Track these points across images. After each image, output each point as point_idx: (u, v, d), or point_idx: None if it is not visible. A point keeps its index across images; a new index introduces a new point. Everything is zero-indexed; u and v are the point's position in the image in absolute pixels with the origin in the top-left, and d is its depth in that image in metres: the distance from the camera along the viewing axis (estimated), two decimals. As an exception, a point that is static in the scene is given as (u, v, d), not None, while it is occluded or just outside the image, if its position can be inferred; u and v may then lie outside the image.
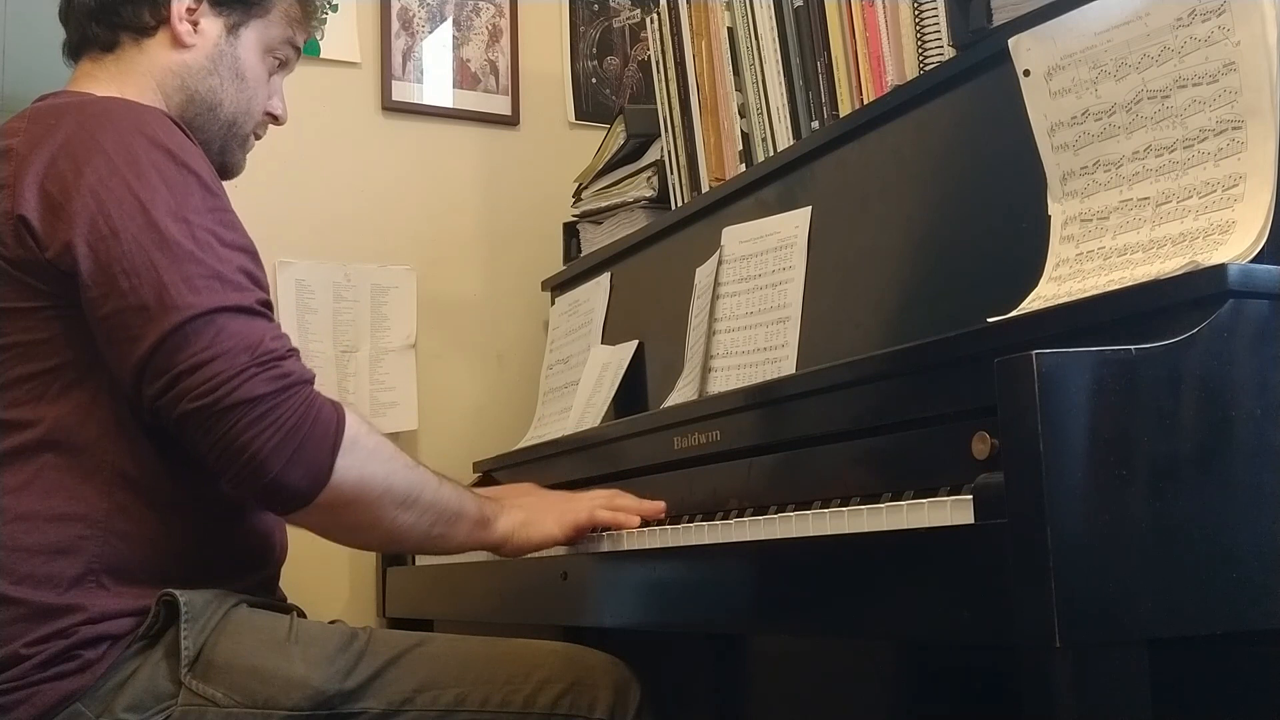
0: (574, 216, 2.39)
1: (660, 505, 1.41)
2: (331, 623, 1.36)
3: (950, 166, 1.46)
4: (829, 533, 1.07)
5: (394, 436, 2.34)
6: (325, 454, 1.17)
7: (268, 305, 1.22)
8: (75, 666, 1.16)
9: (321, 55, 2.43)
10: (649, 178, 2.16)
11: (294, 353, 1.19)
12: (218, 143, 1.43)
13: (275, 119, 1.51)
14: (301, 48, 1.52)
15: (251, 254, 1.24)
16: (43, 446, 1.21)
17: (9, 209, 1.21)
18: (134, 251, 1.17)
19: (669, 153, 2.10)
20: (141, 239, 1.17)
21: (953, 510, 0.95)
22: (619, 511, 1.39)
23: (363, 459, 1.20)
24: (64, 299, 1.21)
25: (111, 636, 1.18)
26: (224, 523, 1.30)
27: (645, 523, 1.39)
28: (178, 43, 1.39)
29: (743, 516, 1.26)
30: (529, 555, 1.54)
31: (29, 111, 1.29)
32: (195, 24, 1.39)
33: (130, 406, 1.22)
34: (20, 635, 1.16)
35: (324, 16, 2.41)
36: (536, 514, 1.39)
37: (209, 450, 1.16)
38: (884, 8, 1.61)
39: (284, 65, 1.50)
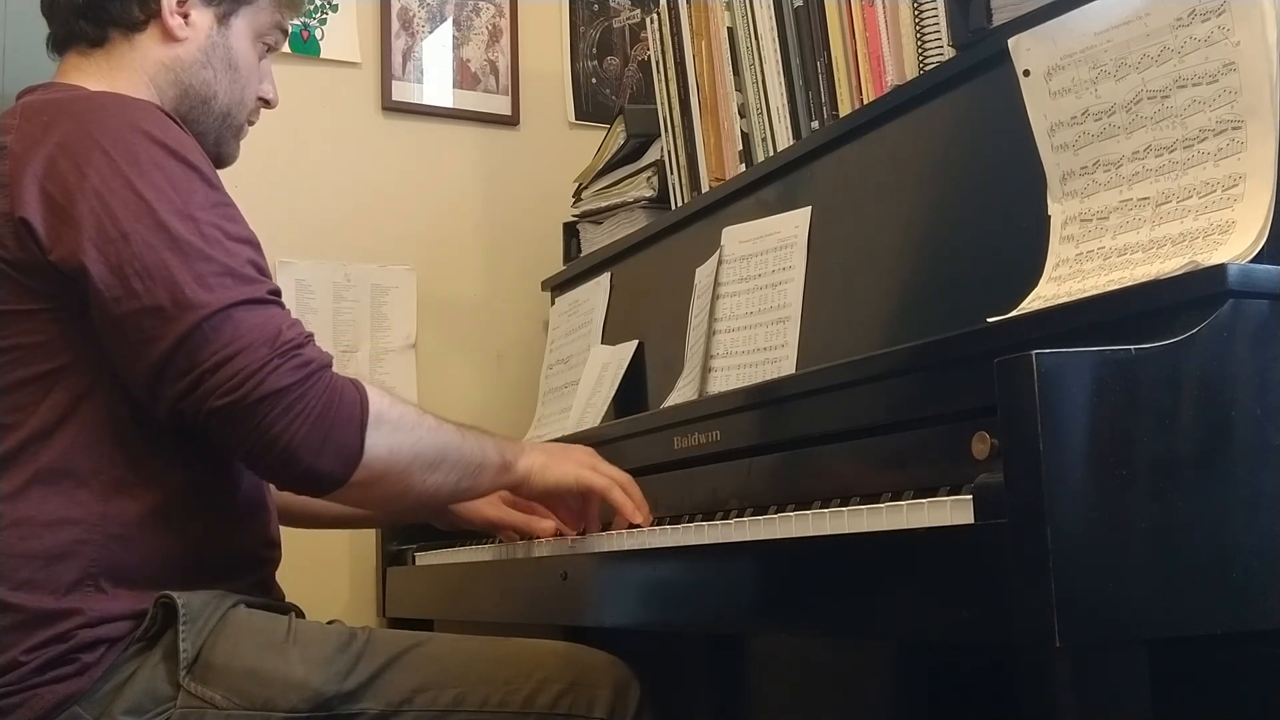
0: (574, 216, 2.39)
1: (650, 520, 1.41)
2: (330, 623, 1.35)
3: (950, 166, 1.46)
4: (829, 533, 1.07)
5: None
6: (353, 436, 1.18)
7: (277, 293, 1.23)
8: (73, 670, 1.16)
9: (321, 55, 2.43)
10: (649, 178, 2.16)
11: (310, 338, 1.20)
12: (212, 134, 1.42)
13: (267, 103, 1.50)
14: (289, 29, 1.51)
15: (255, 245, 1.24)
16: (40, 451, 1.21)
17: (8, 210, 1.20)
18: (145, 253, 1.16)
19: (669, 153, 2.10)
20: (151, 240, 1.17)
21: (953, 510, 0.95)
22: (628, 501, 1.40)
23: (388, 433, 1.21)
24: (62, 301, 1.21)
25: (109, 640, 1.18)
26: (221, 525, 1.30)
27: (632, 526, 1.40)
28: (169, 37, 1.37)
29: (743, 516, 1.25)
30: (533, 555, 1.54)
31: (19, 107, 1.28)
32: (186, 16, 1.38)
33: (137, 408, 1.22)
34: (19, 642, 1.16)
35: (333, 4, 2.41)
36: (557, 458, 1.42)
37: (239, 444, 1.17)
38: (884, 8, 1.61)
39: (272, 49, 1.49)
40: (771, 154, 1.82)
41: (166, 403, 1.17)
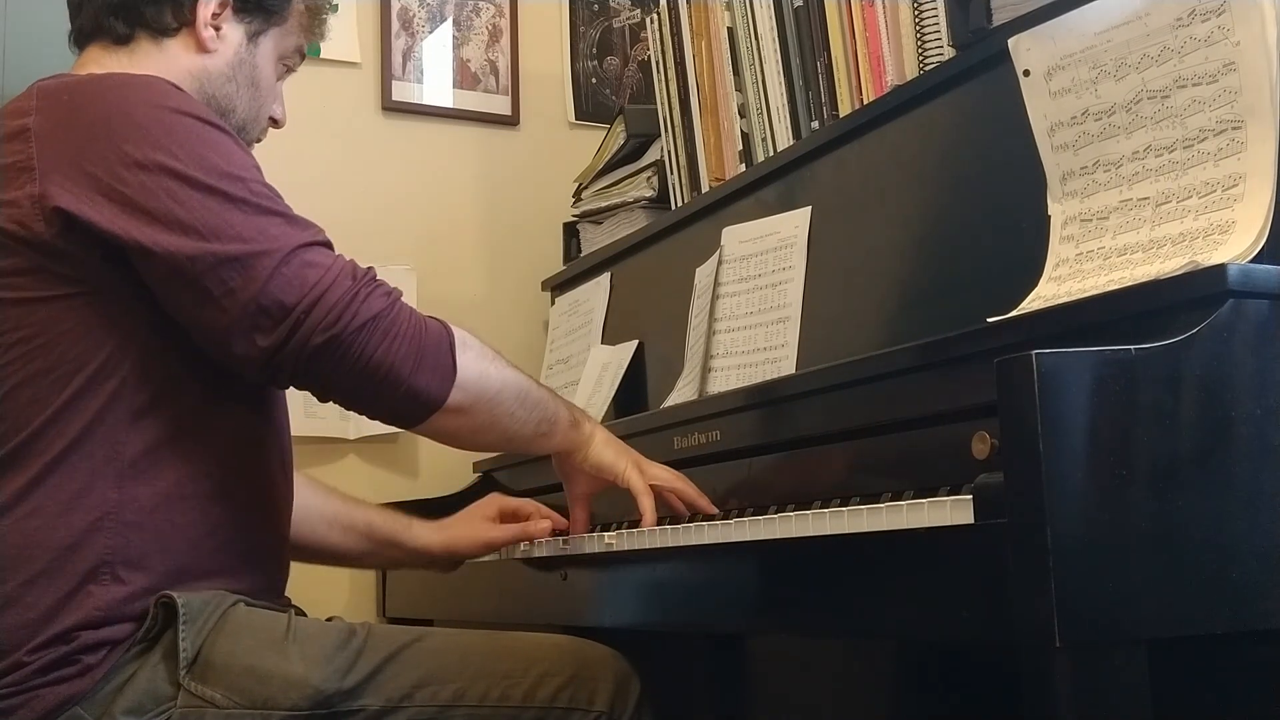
0: (574, 216, 2.39)
1: (711, 509, 1.41)
2: (329, 619, 1.35)
3: (950, 166, 1.46)
4: (829, 533, 1.07)
5: (394, 435, 2.35)
6: (445, 353, 1.24)
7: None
8: (75, 671, 1.16)
9: (321, 55, 2.43)
10: (649, 178, 2.16)
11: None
12: None
13: (276, 123, 1.51)
14: (306, 54, 1.52)
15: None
16: (55, 439, 1.20)
17: (37, 193, 1.19)
18: (206, 216, 1.19)
19: (669, 153, 2.10)
20: (208, 203, 1.19)
21: (953, 510, 0.95)
22: (654, 516, 1.38)
23: (476, 356, 1.28)
24: (95, 285, 1.21)
25: (112, 641, 1.18)
26: (237, 515, 1.29)
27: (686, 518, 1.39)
28: (200, 47, 1.38)
29: (743, 516, 1.25)
30: (532, 557, 1.54)
31: (35, 90, 1.27)
32: (218, 29, 1.39)
33: (155, 393, 1.22)
34: (24, 642, 1.16)
35: (329, 24, 2.41)
36: (614, 441, 1.44)
37: (345, 376, 1.21)
38: (884, 8, 1.61)
39: (289, 70, 1.51)
40: (771, 154, 1.82)
41: (263, 355, 1.19)
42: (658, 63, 2.14)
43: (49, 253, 1.20)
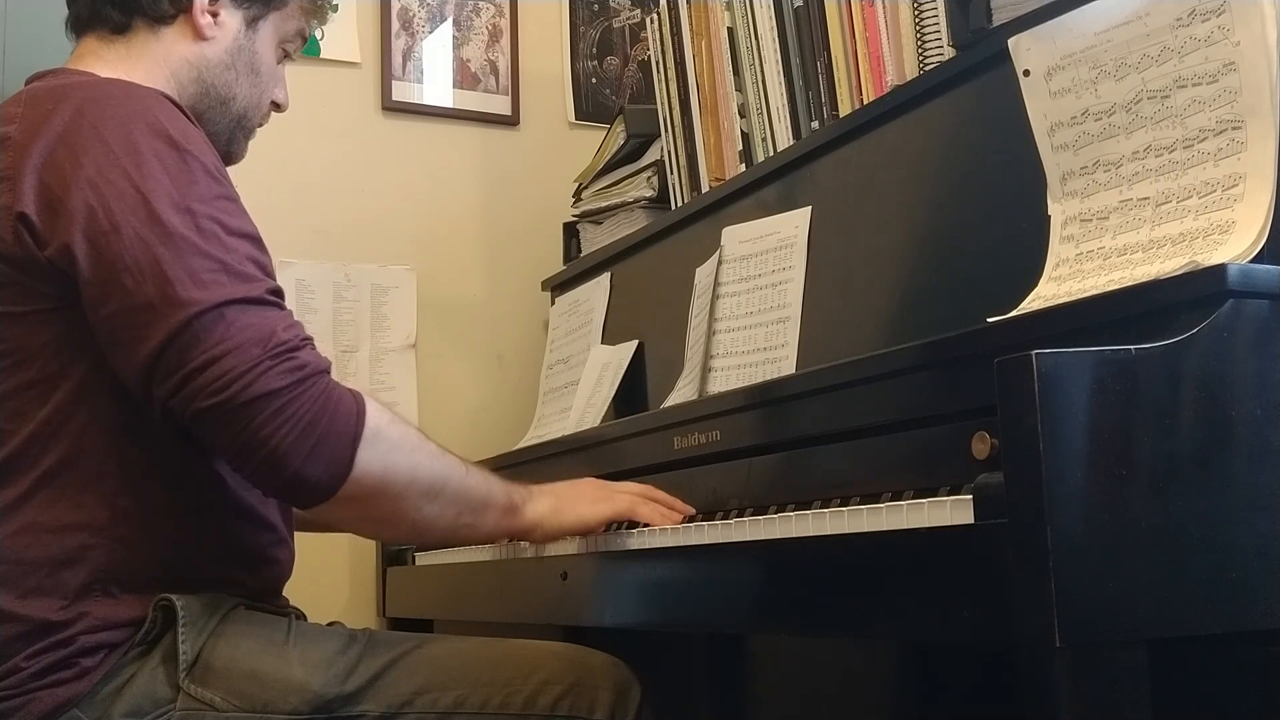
0: (574, 216, 2.40)
1: (689, 509, 1.41)
2: (330, 624, 1.35)
3: (950, 166, 1.46)
4: (829, 533, 1.07)
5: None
6: (345, 446, 1.14)
7: (278, 294, 1.19)
8: (73, 674, 1.15)
9: (321, 55, 2.43)
10: (649, 178, 2.16)
11: (308, 341, 1.17)
12: (225, 134, 1.41)
13: (278, 107, 1.49)
14: (309, 37, 1.51)
15: (257, 240, 1.22)
16: (42, 455, 1.19)
17: (9, 203, 1.17)
18: (136, 247, 1.13)
19: (669, 153, 2.10)
20: (143, 233, 1.14)
21: (953, 510, 0.95)
22: (657, 508, 1.39)
23: (385, 451, 1.17)
24: (65, 300, 1.18)
25: (110, 645, 1.17)
26: (229, 525, 1.28)
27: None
28: (197, 35, 1.36)
29: (743, 516, 1.25)
30: (538, 554, 1.54)
31: (24, 94, 1.26)
32: (216, 16, 1.37)
33: (139, 407, 1.20)
34: (21, 650, 1.15)
35: (333, 4, 2.41)
36: (568, 500, 1.39)
37: (226, 447, 1.14)
38: (884, 8, 1.61)
39: (290, 55, 1.49)
40: (771, 154, 1.82)
41: (158, 402, 1.15)
42: (658, 63, 2.14)
43: (20, 266, 1.18)
